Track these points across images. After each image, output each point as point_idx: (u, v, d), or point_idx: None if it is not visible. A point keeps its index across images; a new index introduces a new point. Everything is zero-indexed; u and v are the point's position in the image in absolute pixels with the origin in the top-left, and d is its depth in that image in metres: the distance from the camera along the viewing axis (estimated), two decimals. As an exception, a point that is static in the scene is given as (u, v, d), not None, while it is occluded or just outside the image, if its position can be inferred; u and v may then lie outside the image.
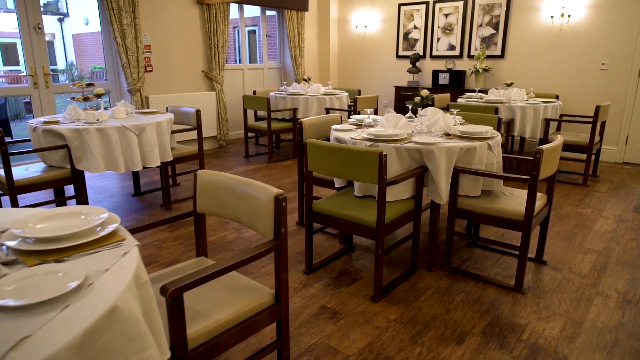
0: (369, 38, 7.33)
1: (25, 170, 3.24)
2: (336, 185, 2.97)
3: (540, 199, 2.57)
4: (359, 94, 6.42)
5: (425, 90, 2.80)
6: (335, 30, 7.64)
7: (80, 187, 3.30)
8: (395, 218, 2.42)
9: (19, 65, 16.50)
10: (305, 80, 6.06)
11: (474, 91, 5.82)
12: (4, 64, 15.94)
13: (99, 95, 3.57)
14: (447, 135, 2.72)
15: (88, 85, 3.71)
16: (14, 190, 3.02)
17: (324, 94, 5.72)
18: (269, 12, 7.18)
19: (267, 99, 5.22)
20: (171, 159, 3.61)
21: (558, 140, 2.42)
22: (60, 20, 18.22)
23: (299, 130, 3.22)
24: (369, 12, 7.22)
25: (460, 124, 3.07)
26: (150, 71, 5.45)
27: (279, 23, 7.30)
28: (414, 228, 2.65)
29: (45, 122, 3.30)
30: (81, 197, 3.32)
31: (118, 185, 4.50)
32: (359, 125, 3.09)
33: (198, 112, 3.98)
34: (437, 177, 2.46)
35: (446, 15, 6.47)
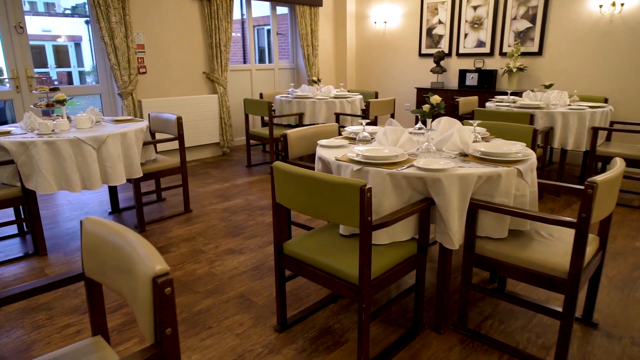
0: (389, 35, 6.67)
1: (-29, 188, 2.81)
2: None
3: (591, 244, 1.90)
4: (376, 96, 5.78)
5: (436, 97, 2.17)
6: (352, 27, 7.02)
7: (32, 208, 2.84)
8: (389, 269, 1.81)
9: (47, 68, 16.75)
10: (315, 82, 5.48)
11: (505, 94, 5.08)
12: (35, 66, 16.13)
13: (60, 102, 3.11)
14: (464, 155, 2.08)
15: (52, 89, 3.26)
16: (-52, 214, 2.57)
17: (335, 97, 5.12)
18: (280, 10, 6.63)
19: (268, 103, 4.67)
20: (140, 175, 3.11)
21: (617, 167, 1.74)
22: (87, 23, 18.43)
23: (282, 144, 2.65)
24: (389, 7, 6.57)
25: (483, 138, 2.42)
26: (144, 73, 5.00)
27: (290, 20, 6.75)
28: (418, 278, 2.02)
29: (-6, 133, 2.86)
30: (34, 221, 2.86)
31: (99, 200, 4.05)
32: (353, 139, 2.49)
33: (179, 119, 3.47)
34: (446, 214, 1.83)
35: (475, 8, 5.74)
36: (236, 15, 6.21)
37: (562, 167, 4.03)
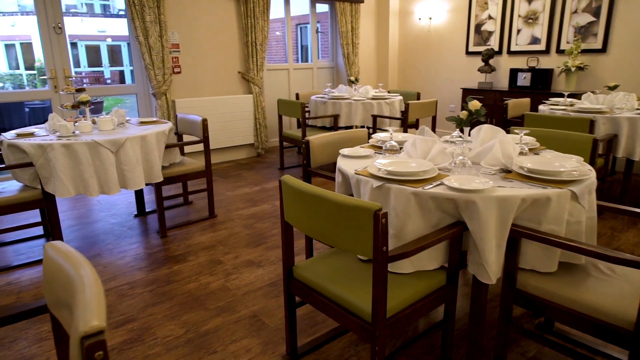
0: (434, 32, 6.30)
1: (-5, 189, 2.80)
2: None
3: (663, 285, 1.54)
4: (418, 97, 5.45)
5: (476, 102, 1.87)
6: (395, 24, 6.69)
7: (51, 211, 2.79)
8: (411, 304, 1.55)
9: (102, 67, 17.49)
10: (352, 82, 5.22)
11: (562, 95, 4.60)
12: (89, 66, 16.90)
13: (83, 103, 3.05)
14: (506, 172, 1.77)
15: (78, 90, 3.22)
16: (-32, 216, 2.56)
17: (372, 98, 4.85)
18: (321, 7, 6.42)
19: (301, 104, 4.47)
20: (160, 179, 2.99)
21: None
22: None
23: (304, 151, 2.43)
24: (434, 2, 6.19)
25: (531, 149, 2.09)
26: (178, 73, 4.95)
27: (331, 17, 6.52)
28: (446, 313, 1.74)
29: (18, 135, 2.83)
30: (53, 224, 2.81)
31: (127, 201, 4.01)
32: (381, 148, 2.23)
33: (204, 121, 3.34)
34: (481, 242, 1.54)
35: (529, 1, 5.26)
36: (279, 13, 6.06)
37: (628, 179, 3.55)
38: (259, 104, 5.53)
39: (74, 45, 15.87)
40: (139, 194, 3.66)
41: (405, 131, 4.41)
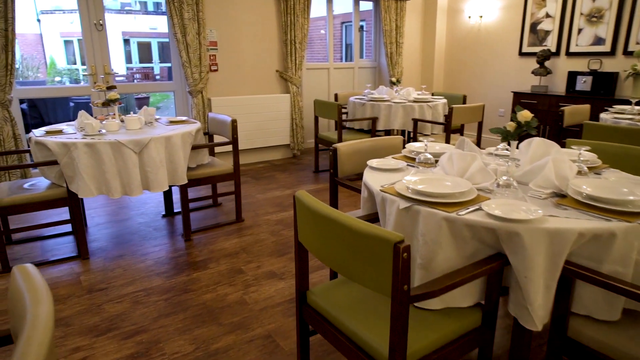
0: (484, 31, 5.91)
1: (25, 186, 2.79)
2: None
3: None
4: (464, 101, 5.11)
5: (526, 113, 1.61)
6: (442, 22, 6.35)
7: (75, 210, 2.75)
8: (438, 348, 1.33)
9: (152, 63, 18.04)
10: (393, 83, 4.97)
11: (628, 103, 4.14)
12: (140, 62, 17.48)
13: (112, 101, 3.00)
14: (560, 197, 1.50)
15: (109, 88, 3.18)
16: (-5, 212, 2.56)
17: (414, 101, 4.58)
18: (365, 5, 6.19)
19: (338, 106, 4.27)
20: (184, 182, 2.89)
21: None
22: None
23: (331, 159, 2.24)
24: (487, -1, 5.81)
25: (591, 168, 1.79)
26: (215, 71, 4.88)
27: (375, 15, 6.28)
28: (481, 358, 1.50)
29: (47, 132, 2.82)
30: (76, 223, 2.77)
31: (158, 199, 3.97)
32: (414, 160, 2.00)
33: (234, 122, 3.21)
34: (526, 282, 1.29)
35: (594, -2, 4.80)
36: (323, 11, 5.88)
37: None
38: (296, 104, 5.39)
39: (126, 42, 16.45)
40: (167, 194, 3.60)
41: (447, 137, 4.12)
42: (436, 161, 1.92)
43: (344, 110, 5.03)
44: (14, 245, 3.04)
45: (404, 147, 2.28)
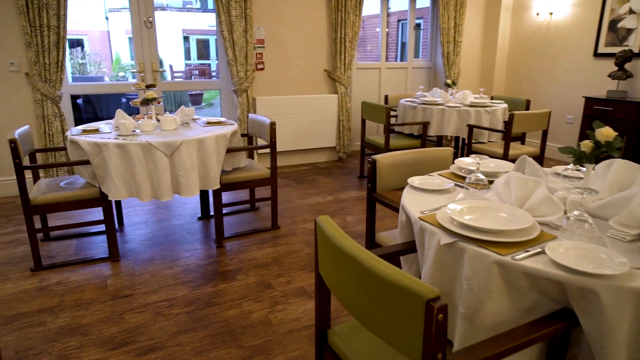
0: (554, 29, 5.38)
1: (62, 184, 2.78)
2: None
3: None
4: (527, 106, 4.67)
5: (608, 130, 1.29)
6: (507, 20, 5.86)
7: (106, 211, 2.69)
8: None
9: (209, 60, 18.46)
10: (449, 85, 4.62)
11: None
12: (198, 58, 17.95)
13: (149, 100, 2.92)
14: (650, 239, 1.18)
15: (148, 86, 3.11)
16: (29, 210, 2.54)
17: (470, 105, 4.22)
18: (421, 2, 5.84)
19: (386, 109, 4.00)
20: (216, 187, 2.76)
21: None
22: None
23: (369, 172, 2.01)
24: (559, -6, 5.28)
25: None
26: (262, 69, 4.76)
27: (432, 12, 5.91)
28: None
29: (84, 130, 2.78)
30: (107, 224, 2.72)
31: (196, 200, 3.90)
32: (465, 179, 1.72)
33: (272, 125, 3.05)
34: (602, 355, 1.00)
35: (689, -8, 4.18)
36: (377, 8, 5.62)
37: None
38: (343, 105, 5.16)
39: (186, 39, 16.93)
40: (204, 196, 3.51)
41: (506, 146, 3.73)
42: (490, 181, 1.63)
43: (393, 114, 4.75)
44: (52, 241, 3.06)
45: (453, 162, 1.99)
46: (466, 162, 1.85)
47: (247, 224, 3.40)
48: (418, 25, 8.86)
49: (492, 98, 5.01)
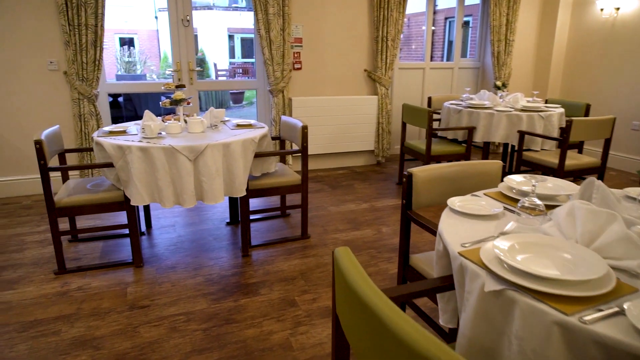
0: (620, 25, 4.89)
1: (88, 186, 2.73)
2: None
3: None
4: (587, 111, 4.24)
5: None
6: (566, 16, 5.40)
7: (129, 215, 2.61)
8: None
9: (253, 58, 18.62)
10: (498, 87, 4.27)
11: None
12: (242, 57, 18.12)
13: (176, 102, 2.82)
14: None
15: (178, 87, 3.01)
16: (53, 213, 2.49)
17: (522, 109, 3.87)
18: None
19: (428, 113, 3.73)
20: (242, 194, 2.61)
21: None
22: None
23: (404, 187, 1.78)
24: (627, -13, 4.79)
25: None
26: (299, 69, 4.60)
27: (482, 8, 5.55)
28: None
29: (111, 132, 2.71)
30: (131, 229, 2.63)
31: (225, 204, 3.79)
32: (517, 202, 1.46)
33: (304, 128, 2.87)
34: None
35: None
36: (423, 6, 5.34)
37: None
38: (384, 107, 4.92)
39: (230, 37, 17.12)
40: (233, 200, 3.38)
41: (562, 156, 3.37)
42: (548, 206, 1.37)
43: (436, 117, 4.46)
44: (79, 243, 3.02)
45: (502, 180, 1.74)
46: (517, 180, 1.59)
47: (276, 231, 3.25)
48: (466, 23, 8.43)
49: (546, 102, 4.61)
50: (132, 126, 2.92)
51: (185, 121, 2.85)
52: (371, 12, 4.73)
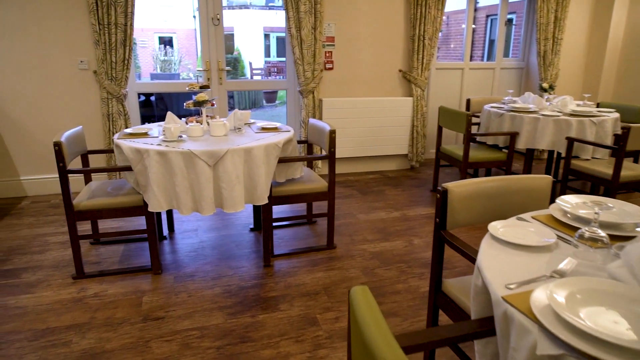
0: (685, 23, 4.44)
1: (109, 189, 2.66)
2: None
3: None
4: (644, 116, 3.87)
5: None
6: (622, 11, 4.98)
7: (148, 221, 2.51)
8: None
9: (280, 58, 18.57)
10: (545, 90, 3.96)
11: None
12: (277, 56, 18.12)
13: (199, 103, 2.71)
14: None
15: (202, 87, 2.91)
16: (72, 216, 2.43)
17: (571, 114, 3.55)
18: (515, -9, 5.16)
19: (467, 117, 3.48)
20: (264, 202, 2.46)
21: None
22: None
23: (438, 204, 1.59)
24: (693, -20, 4.34)
25: None
26: (330, 69, 4.43)
27: (528, 5, 5.20)
28: None
29: (131, 134, 2.63)
30: (149, 235, 2.54)
31: (250, 208, 3.67)
32: (574, 230, 1.24)
33: (332, 133, 2.70)
34: None
35: None
36: (463, 4, 5.06)
37: None
38: (419, 109, 4.68)
39: (266, 36, 17.14)
40: (258, 205, 3.26)
41: (617, 165, 3.05)
42: (612, 237, 1.14)
43: (475, 121, 4.19)
44: (101, 246, 2.97)
45: (552, 201, 1.51)
46: (573, 202, 1.36)
47: (300, 239, 3.10)
48: (510, 20, 8.01)
49: (597, 105, 4.25)
50: (154, 128, 2.83)
51: (208, 123, 2.73)
52: (407, 9, 4.50)
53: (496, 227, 1.23)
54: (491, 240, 1.20)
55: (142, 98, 6.03)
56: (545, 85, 3.97)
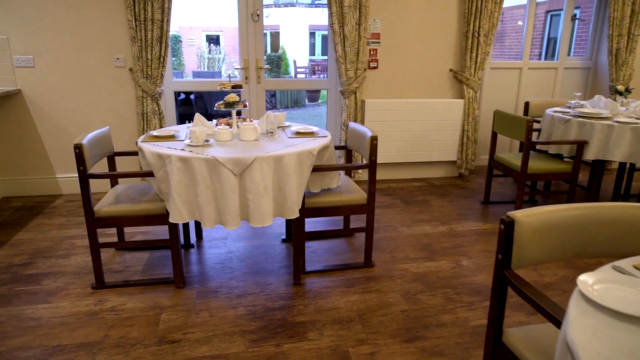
0: None
1: (133, 195, 2.51)
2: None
3: None
4: None
5: None
6: None
7: (171, 232, 2.33)
8: None
9: (325, 56, 18.31)
10: (619, 93, 3.48)
11: None
12: (322, 54, 17.92)
13: (229, 104, 2.50)
14: None
15: (235, 87, 2.70)
16: (92, 224, 2.28)
17: (653, 122, 3.08)
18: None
19: (527, 122, 3.09)
20: (295, 216, 2.22)
21: None
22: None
23: (501, 236, 1.28)
24: None
25: None
26: (374, 68, 4.13)
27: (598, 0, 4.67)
28: None
29: (157, 136, 2.46)
30: (172, 248, 2.36)
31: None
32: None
33: (373, 139, 2.41)
34: None
35: None
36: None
37: None
38: (470, 112, 4.29)
39: (311, 34, 16.98)
40: (291, 215, 3.01)
41: None
42: None
43: (535, 126, 3.76)
44: (126, 252, 2.83)
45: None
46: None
47: (336, 254, 2.83)
48: (574, 15, 7.37)
49: (682, 111, 3.70)
50: (183, 130, 2.66)
51: (239, 126, 2.52)
52: (460, 4, 4.12)
53: (588, 284, 0.91)
54: (583, 302, 0.88)
55: (182, 96, 5.97)
56: (620, 87, 3.48)
